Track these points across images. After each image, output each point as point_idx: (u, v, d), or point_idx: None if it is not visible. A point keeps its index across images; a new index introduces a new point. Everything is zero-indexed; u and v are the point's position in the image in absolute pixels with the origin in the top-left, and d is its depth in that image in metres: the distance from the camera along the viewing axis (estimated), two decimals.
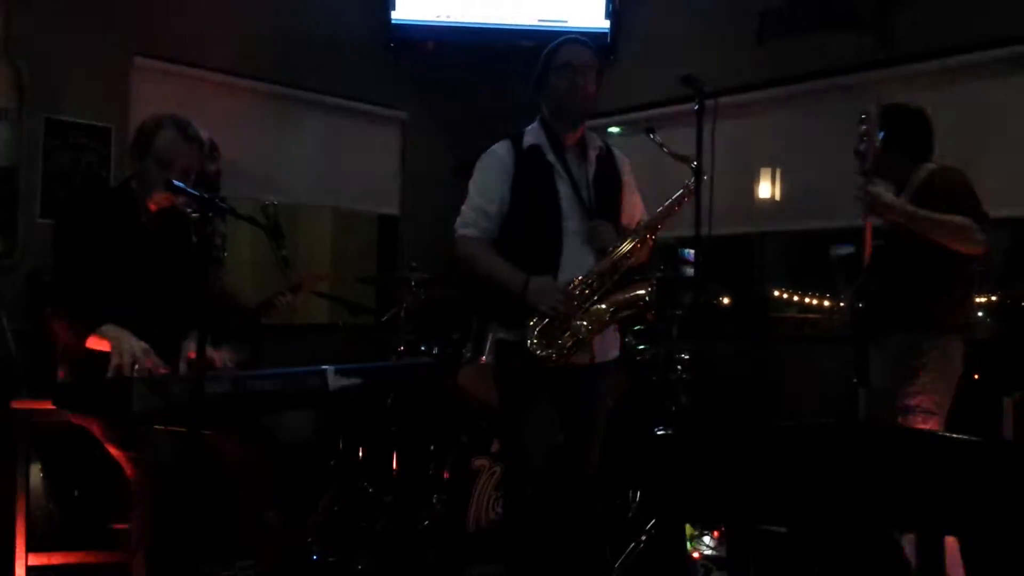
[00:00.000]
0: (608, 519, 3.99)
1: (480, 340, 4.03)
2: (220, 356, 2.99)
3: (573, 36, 3.13)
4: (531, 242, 3.00)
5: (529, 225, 3.02)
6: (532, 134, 3.10)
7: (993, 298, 4.64)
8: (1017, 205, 4.18)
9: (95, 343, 2.77)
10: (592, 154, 3.12)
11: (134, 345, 2.72)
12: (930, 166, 3.21)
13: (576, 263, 2.99)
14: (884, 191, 3.14)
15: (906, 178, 3.23)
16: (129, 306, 2.86)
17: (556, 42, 3.08)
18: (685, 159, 2.99)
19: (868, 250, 3.19)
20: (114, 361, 2.69)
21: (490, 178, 3.06)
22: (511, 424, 3.14)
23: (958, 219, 2.99)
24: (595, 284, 2.95)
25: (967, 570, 2.91)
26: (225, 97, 5.17)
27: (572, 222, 3.01)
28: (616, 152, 3.24)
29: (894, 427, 2.85)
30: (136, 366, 2.68)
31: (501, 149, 3.09)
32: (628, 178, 3.24)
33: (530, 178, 3.03)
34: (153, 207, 3.02)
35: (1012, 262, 4.76)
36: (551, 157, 3.05)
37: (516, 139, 3.10)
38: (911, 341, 3.08)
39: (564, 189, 3.03)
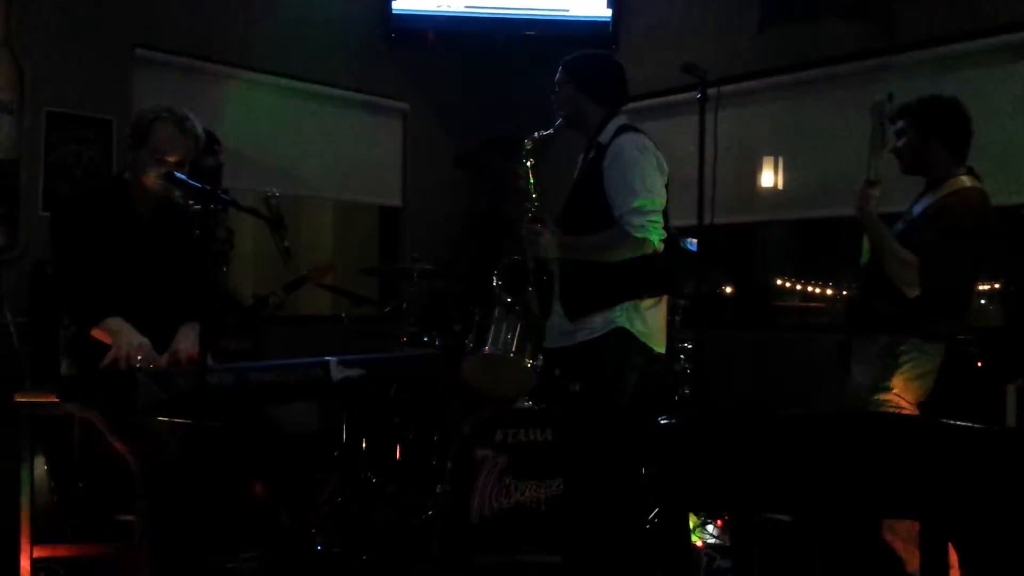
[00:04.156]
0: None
1: (482, 331, 4.04)
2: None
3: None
4: None
5: None
6: None
7: (996, 286, 4.63)
8: (1019, 192, 4.17)
9: (99, 335, 2.82)
10: (587, 156, 3.33)
11: (132, 340, 2.77)
12: (962, 180, 3.10)
13: None
14: (875, 192, 3.09)
15: (940, 179, 3.14)
16: (126, 297, 2.88)
17: None
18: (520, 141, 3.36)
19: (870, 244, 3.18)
20: (110, 354, 2.74)
21: None
22: None
23: (904, 255, 3.00)
24: None
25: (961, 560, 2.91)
26: (226, 88, 5.16)
27: None
28: (612, 147, 3.23)
29: (897, 416, 2.86)
30: (129, 361, 2.72)
31: None
32: (607, 168, 3.23)
33: None
34: (144, 189, 2.98)
35: (1013, 250, 4.74)
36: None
37: None
38: (891, 343, 3.09)
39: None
